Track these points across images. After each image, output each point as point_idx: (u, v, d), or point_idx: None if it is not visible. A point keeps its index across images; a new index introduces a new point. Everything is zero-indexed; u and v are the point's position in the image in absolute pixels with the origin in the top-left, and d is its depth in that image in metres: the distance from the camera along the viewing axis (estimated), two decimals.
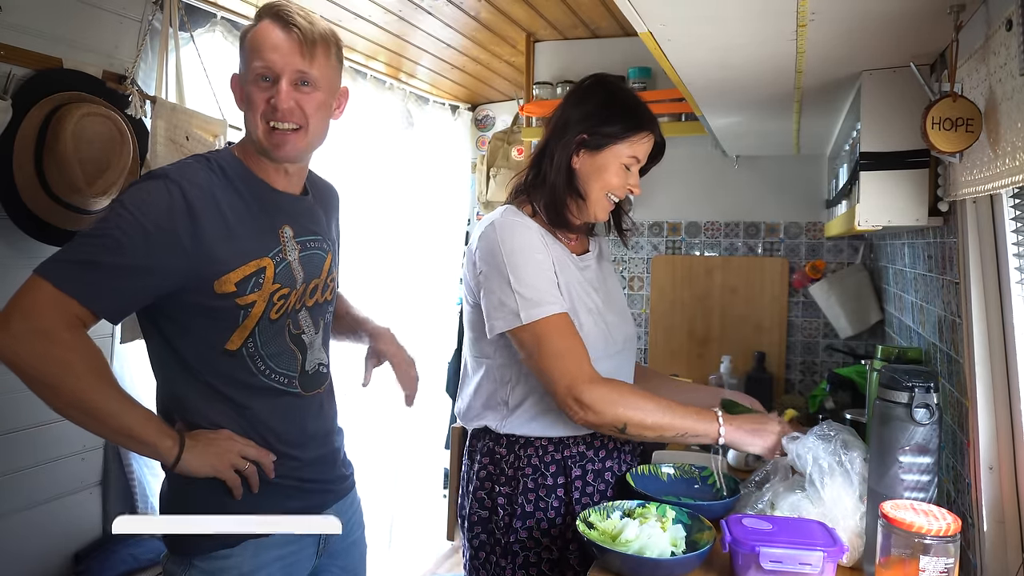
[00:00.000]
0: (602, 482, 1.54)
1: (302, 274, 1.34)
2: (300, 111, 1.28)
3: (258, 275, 1.27)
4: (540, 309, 1.41)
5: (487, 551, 1.54)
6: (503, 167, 3.60)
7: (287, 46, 1.26)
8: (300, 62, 1.26)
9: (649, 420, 1.40)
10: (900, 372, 1.24)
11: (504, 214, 1.51)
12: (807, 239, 3.01)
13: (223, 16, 2.30)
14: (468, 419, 1.58)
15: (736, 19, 1.26)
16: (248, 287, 1.25)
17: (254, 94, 1.27)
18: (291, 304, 1.32)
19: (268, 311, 1.28)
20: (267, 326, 1.29)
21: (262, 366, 1.30)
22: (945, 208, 1.46)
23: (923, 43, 1.37)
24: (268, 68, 1.26)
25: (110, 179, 1.90)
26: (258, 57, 1.26)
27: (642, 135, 1.51)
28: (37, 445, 1.95)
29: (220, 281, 1.23)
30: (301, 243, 1.35)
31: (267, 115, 1.26)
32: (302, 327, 1.35)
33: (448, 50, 2.93)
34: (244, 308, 1.25)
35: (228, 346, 1.26)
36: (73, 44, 1.91)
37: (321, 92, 1.30)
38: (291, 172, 1.36)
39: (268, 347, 1.30)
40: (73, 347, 1.14)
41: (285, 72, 1.26)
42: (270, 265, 1.28)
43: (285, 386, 1.33)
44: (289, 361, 1.33)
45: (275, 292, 1.29)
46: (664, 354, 3.14)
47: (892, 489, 1.22)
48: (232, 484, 1.25)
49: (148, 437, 1.19)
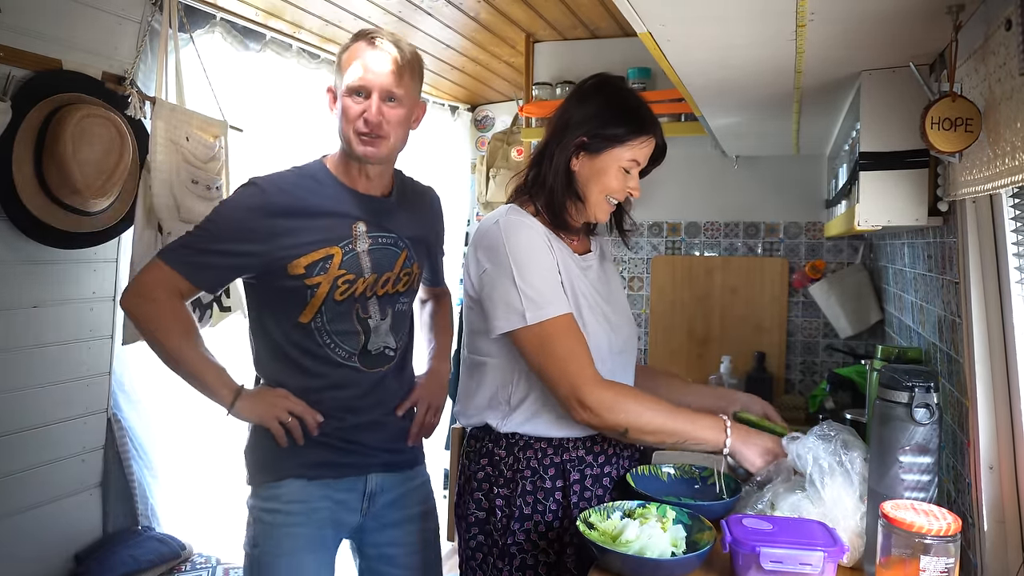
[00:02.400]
0: (600, 487, 1.54)
1: (370, 264, 1.57)
2: (386, 123, 1.52)
3: (325, 261, 1.53)
4: (545, 310, 1.40)
5: (484, 552, 1.53)
6: (503, 168, 3.60)
7: (380, 68, 1.51)
8: (390, 82, 1.51)
9: (652, 425, 1.40)
10: (900, 372, 1.24)
11: (508, 213, 1.49)
12: (807, 239, 3.01)
13: (222, 17, 2.30)
14: (468, 418, 1.58)
15: (736, 19, 1.26)
16: (315, 270, 1.52)
17: (347, 106, 1.51)
18: (358, 289, 1.56)
19: (332, 292, 1.53)
20: (332, 305, 1.54)
21: (327, 340, 1.56)
22: (945, 208, 1.46)
23: (922, 43, 1.37)
24: (362, 87, 1.50)
25: (110, 180, 1.90)
26: (354, 75, 1.50)
27: (643, 139, 1.50)
28: (37, 447, 1.95)
29: (292, 264, 1.51)
30: (372, 237, 1.59)
31: (358, 126, 1.51)
32: (370, 312, 1.59)
33: (447, 51, 2.94)
34: (311, 288, 1.52)
35: (301, 319, 1.54)
36: (73, 45, 1.91)
37: (404, 107, 1.54)
38: (372, 176, 1.60)
39: (335, 324, 1.55)
40: (171, 310, 1.50)
41: (376, 90, 1.50)
42: (338, 253, 1.54)
43: (344, 360, 1.58)
44: (352, 339, 1.58)
45: (339, 276, 1.54)
46: (664, 354, 3.14)
47: (892, 489, 1.22)
48: (275, 432, 1.53)
49: (213, 384, 1.51)
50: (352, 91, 1.51)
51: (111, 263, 2.12)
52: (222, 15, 2.30)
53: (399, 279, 1.63)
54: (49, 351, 1.97)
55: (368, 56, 1.51)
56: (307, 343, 1.56)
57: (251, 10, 2.37)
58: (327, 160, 1.62)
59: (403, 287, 1.65)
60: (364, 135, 1.51)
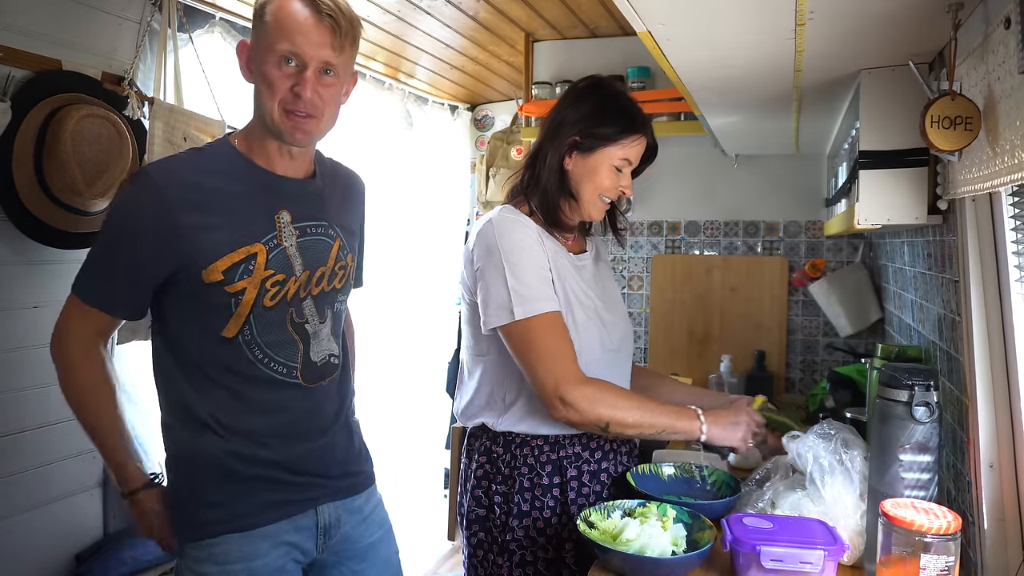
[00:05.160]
0: (598, 483, 1.55)
1: (301, 261, 1.32)
2: (320, 101, 1.26)
3: (248, 262, 1.25)
4: (533, 306, 1.42)
5: (484, 549, 1.54)
6: (502, 167, 3.60)
7: (318, 35, 1.23)
8: (329, 53, 1.24)
9: (630, 419, 1.42)
10: (900, 370, 1.24)
11: (502, 212, 1.52)
12: (807, 238, 3.01)
13: (221, 17, 2.30)
14: (467, 417, 1.59)
15: (735, 18, 1.26)
16: (237, 274, 1.25)
17: (274, 76, 1.23)
18: (290, 291, 1.30)
19: (261, 298, 1.27)
20: (263, 313, 1.28)
21: (260, 355, 1.29)
22: (944, 206, 1.46)
23: (922, 41, 1.37)
24: (295, 54, 1.22)
25: (109, 180, 1.90)
26: (286, 39, 1.22)
27: (634, 138, 1.52)
28: (38, 447, 1.95)
29: (208, 270, 1.23)
30: (300, 228, 1.33)
31: (287, 101, 1.24)
32: (306, 316, 1.33)
33: (447, 50, 2.93)
34: (234, 296, 1.25)
35: (224, 334, 1.27)
36: (72, 46, 1.91)
37: (340, 81, 1.29)
38: (295, 155, 1.34)
39: (266, 335, 1.29)
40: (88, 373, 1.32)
41: (313, 61, 1.23)
42: (262, 251, 1.27)
43: (284, 376, 1.31)
44: (290, 351, 1.32)
45: (268, 279, 1.27)
46: (664, 353, 3.14)
47: (892, 487, 1.22)
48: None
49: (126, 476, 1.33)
50: (281, 58, 1.22)
51: None
52: (221, 15, 2.30)
53: (334, 274, 1.38)
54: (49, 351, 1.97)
55: (302, 16, 1.22)
56: (234, 362, 1.28)
57: (250, 10, 2.36)
58: (234, 138, 1.34)
59: (339, 283, 1.40)
60: (295, 113, 1.24)
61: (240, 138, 1.34)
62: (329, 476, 1.39)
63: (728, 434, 1.48)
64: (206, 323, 1.27)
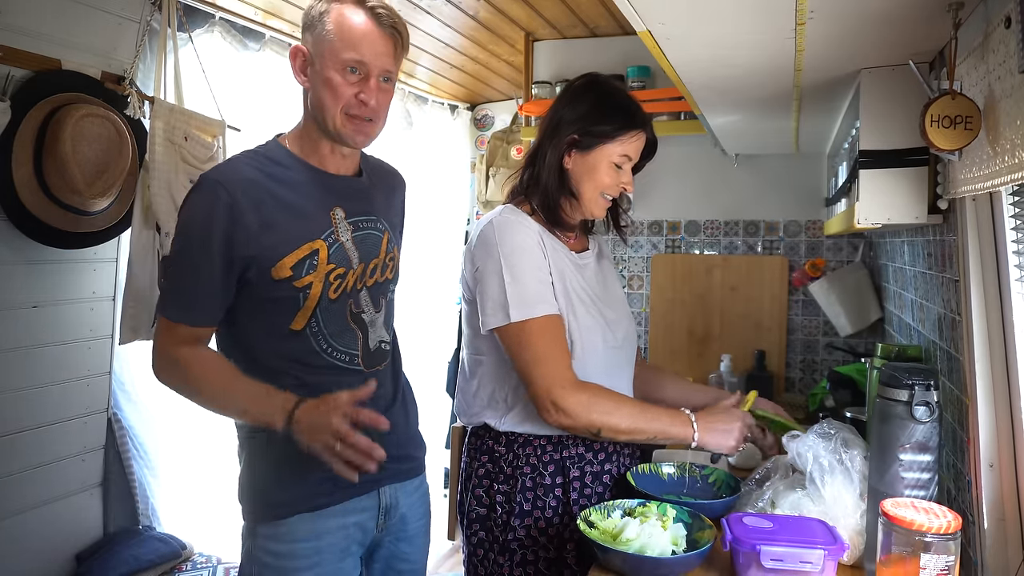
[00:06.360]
0: (600, 484, 1.54)
1: (357, 254, 1.40)
2: (379, 106, 1.35)
3: (311, 257, 1.33)
4: (530, 309, 1.42)
5: (485, 548, 1.54)
6: (502, 166, 3.60)
7: (383, 44, 1.32)
8: (389, 62, 1.34)
9: (623, 425, 1.42)
10: (900, 370, 1.24)
11: (503, 212, 1.52)
12: (807, 237, 3.01)
13: (221, 16, 2.30)
14: (468, 417, 1.59)
15: (735, 18, 1.26)
16: (303, 270, 1.32)
17: (339, 83, 1.31)
18: (349, 284, 1.38)
19: (326, 291, 1.35)
20: (328, 306, 1.36)
21: (325, 345, 1.37)
22: (944, 206, 1.46)
23: (922, 41, 1.37)
24: (361, 63, 1.31)
25: (109, 180, 1.90)
26: (352, 48, 1.30)
27: (633, 134, 1.52)
28: (38, 446, 1.95)
29: (276, 268, 1.30)
30: (353, 223, 1.41)
31: (351, 107, 1.32)
32: (362, 306, 1.41)
33: (447, 50, 2.93)
34: (302, 290, 1.32)
35: (293, 327, 1.34)
36: (72, 45, 1.91)
37: (394, 86, 1.39)
38: (346, 155, 1.42)
39: (330, 326, 1.37)
40: (198, 362, 1.30)
41: (376, 70, 1.32)
42: (323, 246, 1.35)
43: (347, 364, 1.39)
44: (351, 339, 1.40)
45: (330, 272, 1.35)
46: (664, 353, 3.14)
47: (892, 487, 1.22)
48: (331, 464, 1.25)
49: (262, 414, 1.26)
50: (345, 66, 1.30)
51: (111, 263, 2.12)
52: (221, 15, 2.30)
53: (385, 265, 1.47)
54: (49, 351, 1.97)
55: (367, 27, 1.31)
56: (302, 353, 1.35)
57: (250, 9, 2.36)
58: (284, 139, 1.41)
59: (390, 274, 1.49)
60: (359, 118, 1.33)
61: (291, 139, 1.41)
62: (390, 458, 1.36)
63: (720, 440, 1.48)
64: (274, 317, 1.34)
